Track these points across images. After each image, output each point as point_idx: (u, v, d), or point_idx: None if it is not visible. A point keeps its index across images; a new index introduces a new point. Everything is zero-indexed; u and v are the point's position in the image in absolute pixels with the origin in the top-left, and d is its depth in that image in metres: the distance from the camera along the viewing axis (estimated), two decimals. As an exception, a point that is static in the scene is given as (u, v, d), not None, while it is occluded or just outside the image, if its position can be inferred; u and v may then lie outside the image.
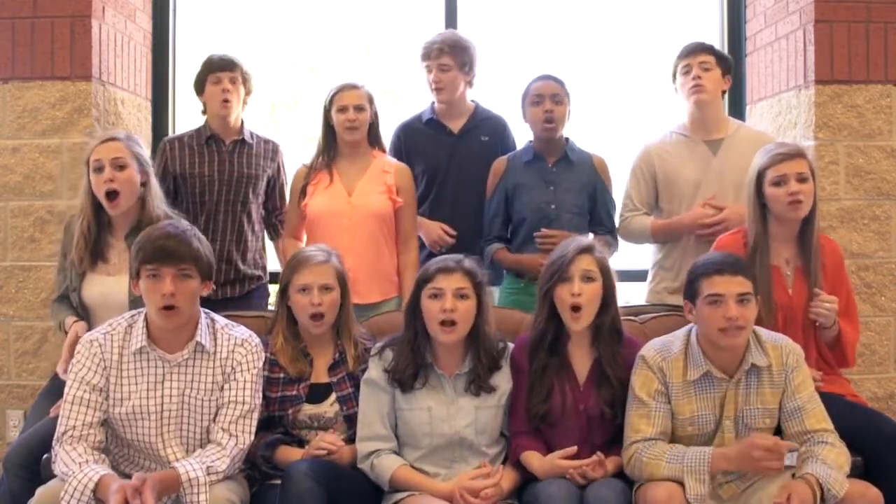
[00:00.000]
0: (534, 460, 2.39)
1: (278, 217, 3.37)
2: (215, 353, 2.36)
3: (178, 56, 3.84)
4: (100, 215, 2.74)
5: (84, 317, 2.73)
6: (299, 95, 4.37)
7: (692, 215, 3.06)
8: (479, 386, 2.46)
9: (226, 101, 3.18)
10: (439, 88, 3.29)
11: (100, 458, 2.22)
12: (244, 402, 2.34)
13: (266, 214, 3.38)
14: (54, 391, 2.64)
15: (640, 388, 2.38)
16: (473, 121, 3.38)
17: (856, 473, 2.34)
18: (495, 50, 3.90)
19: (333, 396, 2.54)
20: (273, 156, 3.34)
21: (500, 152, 3.30)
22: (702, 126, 3.16)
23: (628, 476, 2.36)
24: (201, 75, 3.23)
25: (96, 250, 2.73)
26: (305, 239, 3.16)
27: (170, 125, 3.83)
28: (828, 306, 2.59)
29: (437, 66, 3.27)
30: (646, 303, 3.22)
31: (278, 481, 2.32)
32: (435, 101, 3.37)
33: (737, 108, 3.83)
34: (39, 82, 3.29)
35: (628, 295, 3.58)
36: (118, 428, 2.31)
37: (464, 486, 2.31)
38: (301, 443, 2.50)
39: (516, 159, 3.21)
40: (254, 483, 2.45)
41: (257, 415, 2.38)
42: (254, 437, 2.36)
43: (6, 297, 3.30)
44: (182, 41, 3.86)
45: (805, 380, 2.38)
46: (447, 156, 3.33)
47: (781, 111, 3.55)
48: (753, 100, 3.79)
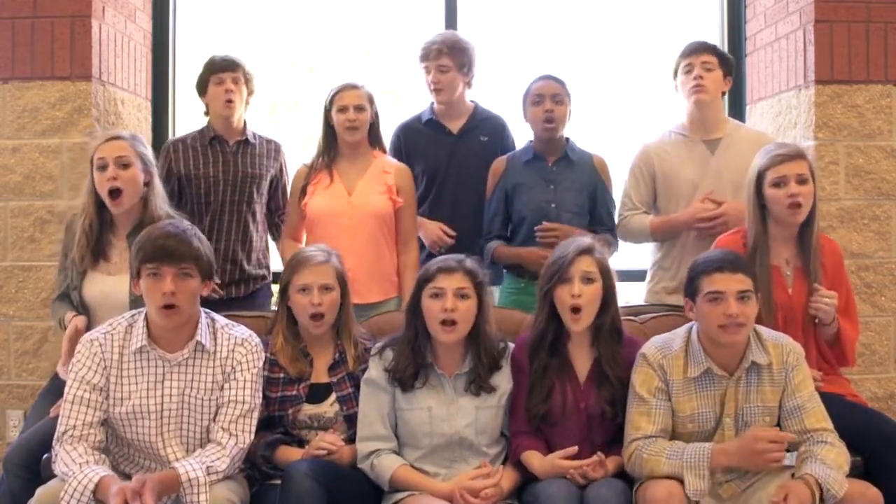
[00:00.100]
0: (534, 460, 2.39)
1: (280, 217, 3.36)
2: (215, 352, 2.36)
3: (178, 56, 3.84)
4: (102, 214, 2.74)
5: (84, 316, 2.72)
6: (299, 95, 4.36)
7: (691, 210, 3.05)
8: (479, 386, 2.46)
9: (229, 102, 3.18)
10: (438, 89, 3.29)
11: (100, 458, 2.22)
12: (244, 402, 2.34)
13: (269, 214, 3.38)
14: (54, 391, 2.64)
15: (640, 386, 2.38)
16: (472, 121, 3.38)
17: (856, 473, 2.34)
18: (495, 50, 3.90)
19: (333, 396, 2.54)
20: (276, 155, 3.34)
21: (499, 152, 3.30)
22: (700, 126, 3.16)
23: (629, 473, 2.37)
24: (204, 76, 3.22)
25: (98, 249, 2.73)
26: (305, 239, 3.16)
27: (170, 125, 3.83)
28: (827, 301, 2.59)
29: (437, 67, 3.27)
30: (644, 303, 3.22)
31: (278, 481, 2.32)
32: (434, 102, 3.37)
33: (737, 107, 3.83)
34: (39, 82, 3.28)
35: (628, 295, 3.58)
36: (118, 427, 2.31)
37: (464, 486, 2.32)
38: (301, 443, 2.50)
39: (516, 159, 3.21)
40: (254, 483, 2.45)
41: (257, 414, 2.38)
42: (254, 436, 2.36)
43: (6, 297, 3.30)
44: (182, 41, 3.86)
45: (805, 379, 2.38)
46: (447, 156, 3.33)
47: (781, 111, 3.55)
48: (753, 100, 3.78)
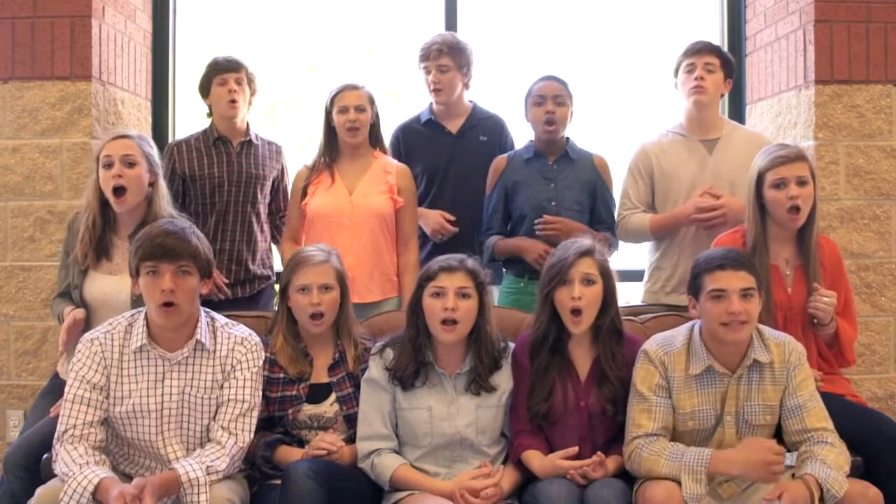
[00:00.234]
0: (534, 460, 2.39)
1: (281, 219, 3.36)
2: (215, 351, 2.36)
3: (178, 56, 3.84)
4: (106, 212, 2.74)
5: (83, 308, 2.70)
6: (300, 95, 4.36)
7: (690, 202, 3.02)
8: (479, 385, 2.46)
9: (233, 103, 3.18)
10: (438, 89, 3.30)
11: (100, 458, 2.22)
12: (244, 401, 2.34)
13: (269, 217, 3.37)
14: (54, 391, 2.64)
15: (641, 383, 2.38)
16: (471, 121, 3.38)
17: (856, 473, 2.34)
18: (495, 50, 3.90)
19: (333, 396, 2.54)
20: (277, 157, 3.34)
21: (498, 152, 3.30)
22: (698, 125, 3.16)
23: (629, 471, 2.36)
24: (207, 77, 3.22)
25: (100, 247, 2.72)
26: (305, 239, 3.16)
27: (170, 125, 3.83)
28: (826, 300, 2.59)
29: (436, 67, 3.27)
30: (642, 303, 3.22)
31: (278, 481, 2.32)
32: (433, 102, 3.37)
33: (737, 107, 3.83)
34: (39, 82, 3.29)
35: (628, 295, 3.58)
36: (118, 427, 2.31)
37: (464, 486, 2.32)
38: (301, 443, 2.50)
39: (517, 157, 3.22)
40: (254, 483, 2.45)
41: (257, 413, 2.38)
42: (253, 435, 2.36)
43: (6, 297, 3.30)
44: (182, 41, 3.86)
45: (806, 378, 2.38)
46: (446, 156, 3.34)
47: (781, 111, 3.55)
48: (753, 100, 3.78)
